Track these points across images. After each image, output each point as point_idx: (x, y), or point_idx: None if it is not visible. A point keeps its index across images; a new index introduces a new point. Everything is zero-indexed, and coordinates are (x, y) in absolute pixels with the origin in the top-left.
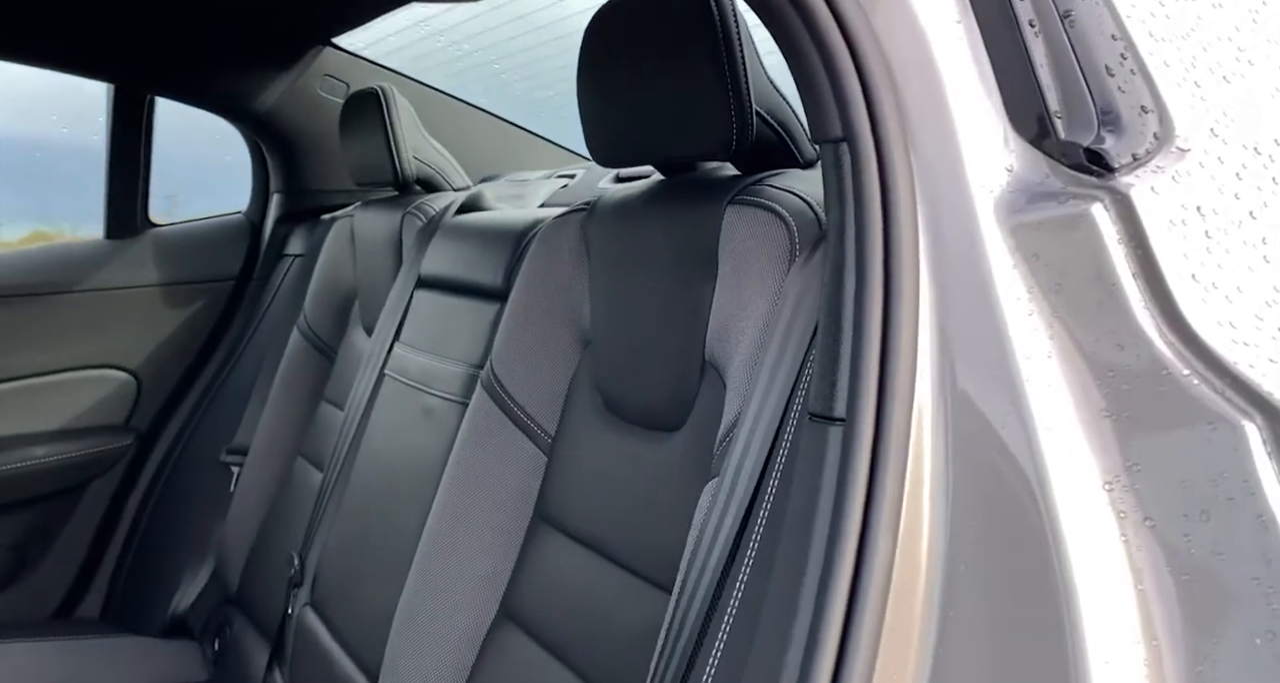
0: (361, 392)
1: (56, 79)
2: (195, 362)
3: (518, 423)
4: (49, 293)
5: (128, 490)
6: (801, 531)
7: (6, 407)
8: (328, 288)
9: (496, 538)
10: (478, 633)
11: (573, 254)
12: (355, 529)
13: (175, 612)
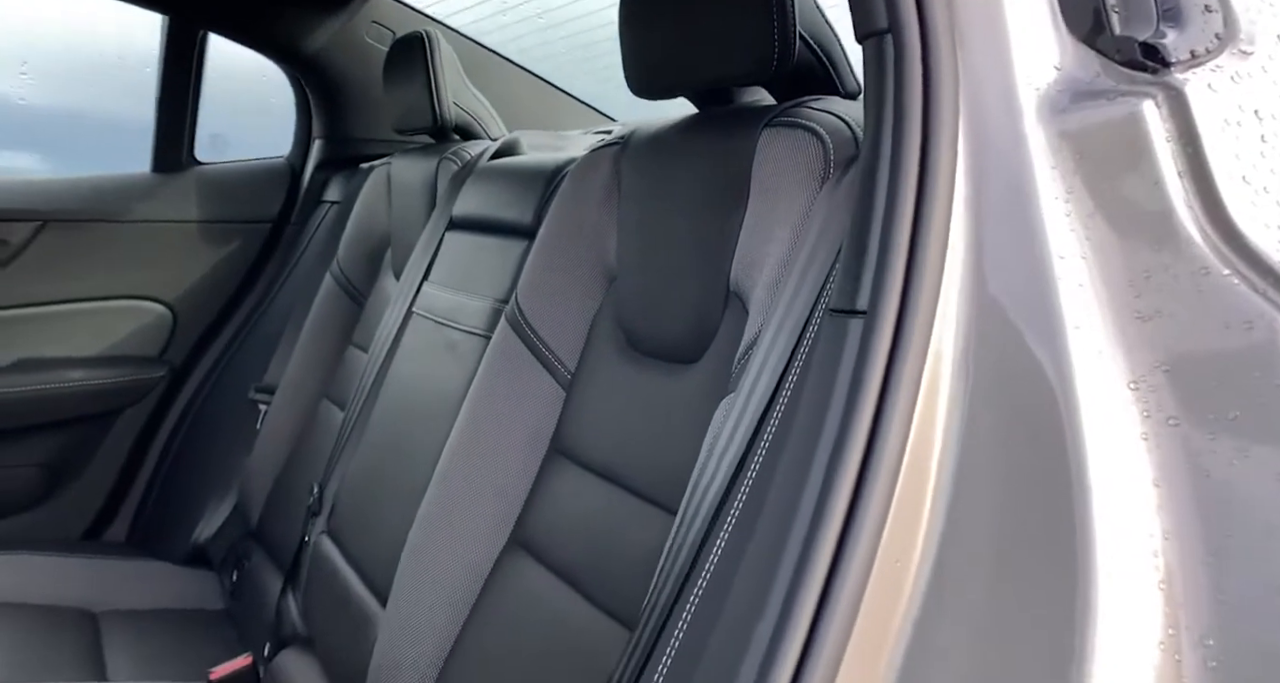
0: (387, 331)
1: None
2: (230, 300)
3: (539, 357)
4: (93, 220)
5: (158, 421)
6: (811, 427)
7: (47, 330)
8: (361, 234)
9: (511, 467)
10: (488, 557)
11: (603, 189)
12: (374, 459)
13: (197, 542)
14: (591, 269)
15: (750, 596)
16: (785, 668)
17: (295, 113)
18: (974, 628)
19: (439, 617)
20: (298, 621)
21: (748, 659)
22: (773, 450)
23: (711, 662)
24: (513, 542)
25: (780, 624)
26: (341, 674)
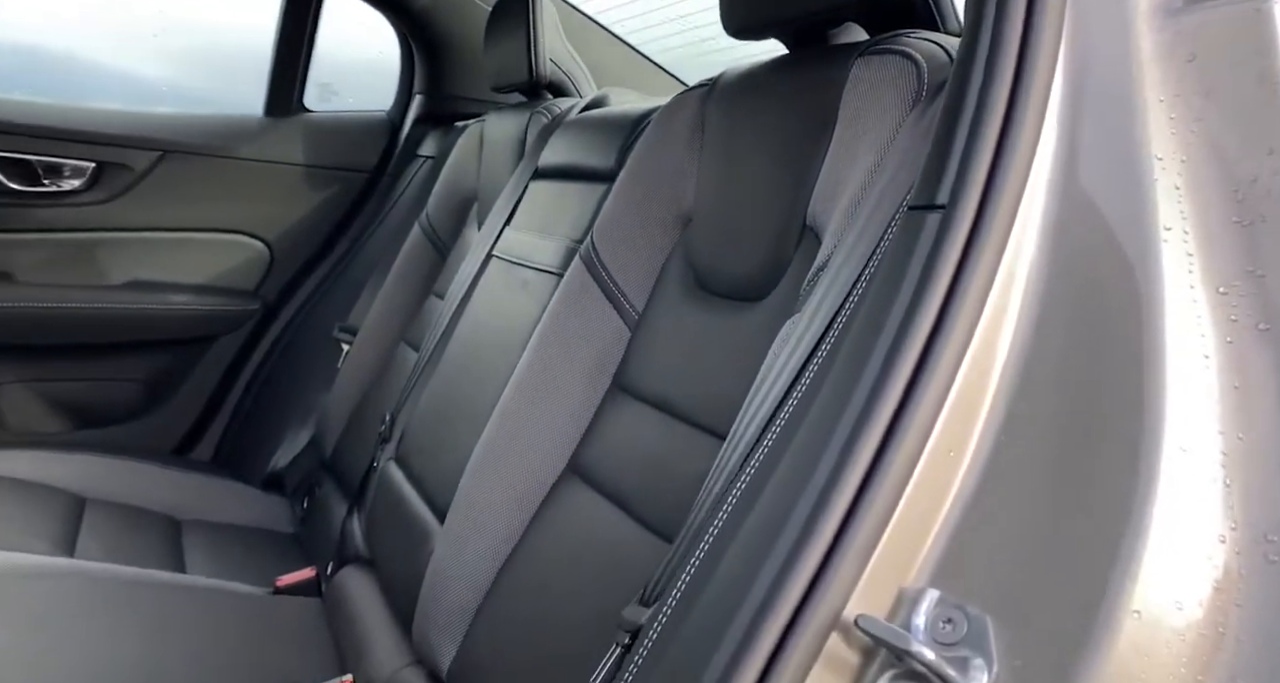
0: (466, 274)
1: None
2: (324, 242)
3: (608, 295)
4: (207, 155)
5: (249, 352)
6: (873, 323)
7: (157, 254)
8: (451, 188)
9: (572, 398)
10: (543, 481)
11: (688, 130)
12: (444, 389)
13: (274, 468)
14: (668, 211)
15: (789, 489)
16: (817, 549)
17: (400, 68)
18: (1026, 522)
19: (492, 533)
20: (360, 541)
21: (779, 544)
22: (827, 360)
23: (739, 556)
24: (568, 469)
25: (815, 512)
26: (398, 589)
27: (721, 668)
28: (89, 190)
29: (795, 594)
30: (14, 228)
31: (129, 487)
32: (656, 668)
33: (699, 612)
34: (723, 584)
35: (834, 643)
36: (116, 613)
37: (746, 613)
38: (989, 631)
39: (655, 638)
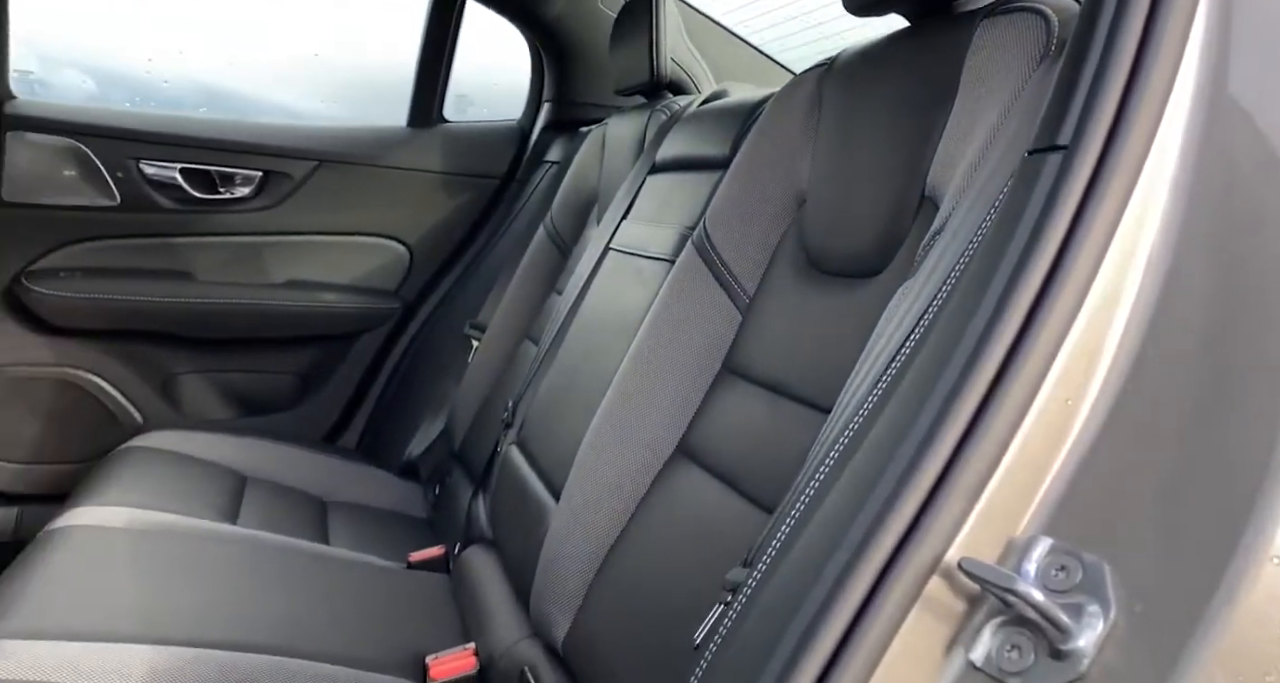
0: (584, 268)
1: None
2: (458, 245)
3: (719, 279)
4: (357, 164)
5: (389, 348)
6: (983, 273)
7: (311, 256)
8: (574, 190)
9: (682, 381)
10: (653, 462)
11: (804, 110)
12: (562, 376)
13: (409, 457)
14: (782, 192)
15: (891, 436)
16: (917, 493)
17: (530, 79)
18: (1154, 471)
19: (604, 512)
20: (485, 523)
21: (878, 489)
22: (937, 313)
23: (837, 503)
24: (678, 451)
25: (917, 456)
26: (517, 566)
27: (814, 611)
28: (256, 197)
29: (893, 537)
30: (195, 232)
31: (285, 468)
32: (751, 613)
33: (795, 557)
34: (820, 530)
35: (935, 587)
36: (269, 575)
37: (842, 555)
38: (1106, 577)
39: (752, 588)
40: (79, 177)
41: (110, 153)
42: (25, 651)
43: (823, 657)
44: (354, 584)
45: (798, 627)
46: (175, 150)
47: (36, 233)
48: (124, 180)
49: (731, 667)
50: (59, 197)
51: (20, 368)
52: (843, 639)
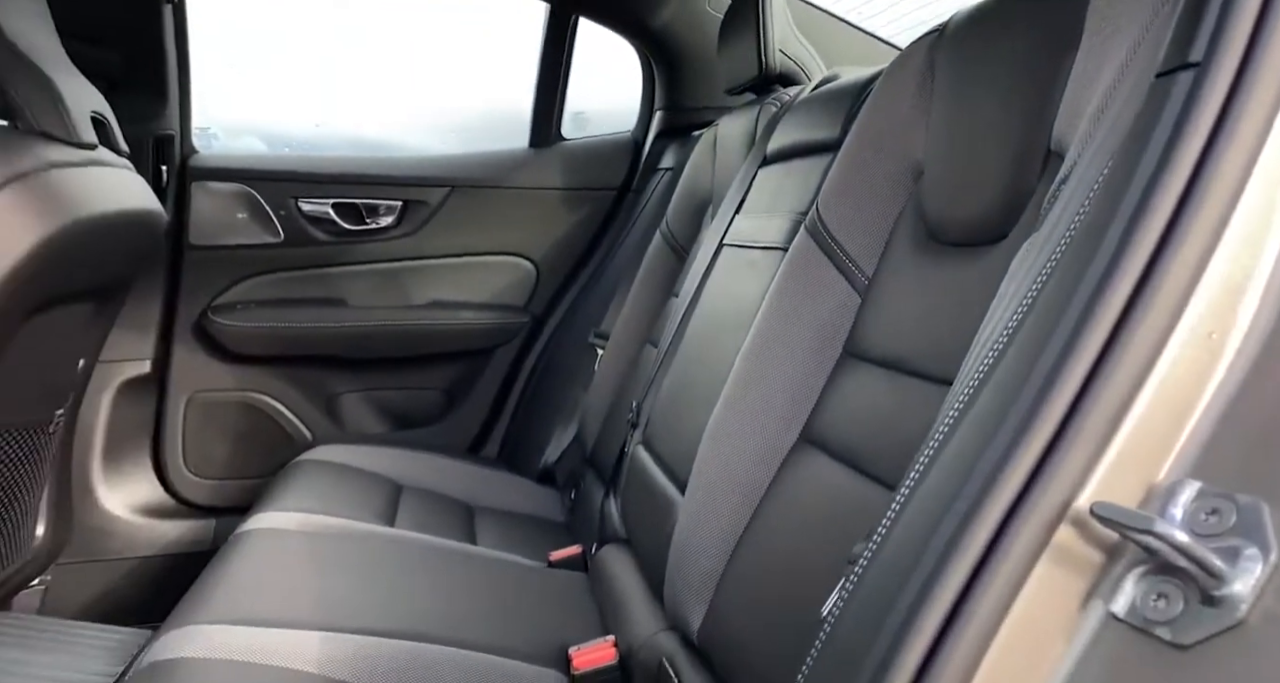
0: (699, 266)
1: None
2: (580, 258)
3: (835, 263)
4: (485, 187)
5: (522, 360)
6: (1109, 200)
7: (449, 277)
8: (688, 194)
9: (801, 367)
10: (776, 451)
11: (915, 81)
12: (681, 373)
13: (545, 464)
14: (897, 167)
15: (1010, 383)
16: (1039, 438)
17: (641, 90)
18: None
19: (728, 502)
20: (617, 522)
21: (997, 439)
22: (1059, 261)
23: (954, 457)
24: (801, 439)
25: (1038, 401)
26: (650, 561)
27: (931, 564)
28: (398, 226)
29: (1014, 484)
30: (346, 261)
31: (434, 477)
32: (870, 574)
33: (912, 513)
34: (938, 484)
35: (1066, 537)
36: (424, 571)
37: (961, 505)
38: (1265, 517)
39: (873, 550)
40: (249, 218)
41: (274, 194)
42: (219, 635)
43: (941, 612)
44: (500, 581)
45: (915, 582)
46: (327, 187)
47: (218, 271)
48: (286, 218)
49: (851, 629)
50: (234, 237)
51: (211, 393)
52: (962, 594)
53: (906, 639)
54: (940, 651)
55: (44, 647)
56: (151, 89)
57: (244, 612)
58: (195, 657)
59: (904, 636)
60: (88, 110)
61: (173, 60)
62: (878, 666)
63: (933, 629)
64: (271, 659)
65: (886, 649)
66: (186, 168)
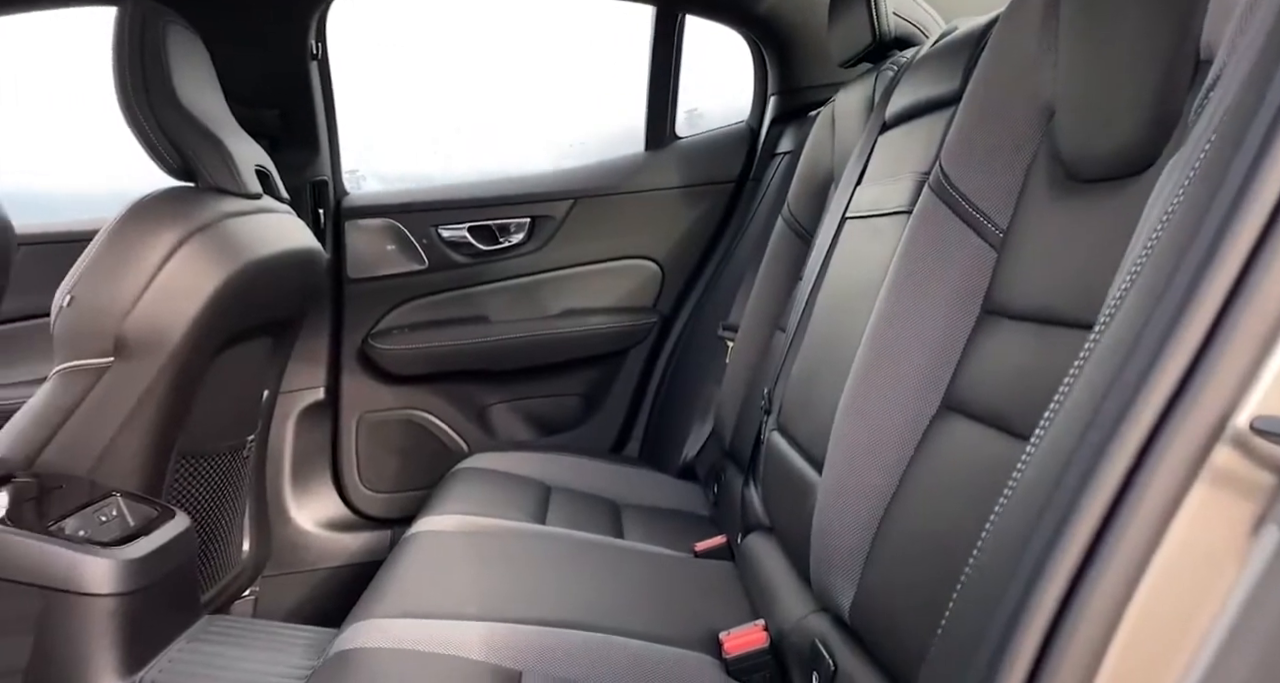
0: (822, 244)
1: None
2: (703, 255)
3: (965, 219)
4: (605, 195)
5: (654, 360)
6: (1250, 100)
7: (578, 285)
8: (809, 174)
9: (937, 334)
10: (917, 422)
11: (1039, 17)
12: (810, 352)
13: (685, 459)
14: (1026, 109)
15: (1144, 300)
16: (1184, 349)
17: (753, 78)
18: None
19: (868, 474)
20: (759, 509)
21: (1134, 357)
22: (1198, 170)
23: (1088, 383)
24: (942, 407)
25: (1178, 313)
26: (794, 544)
27: (1067, 497)
28: (528, 241)
29: (1155, 405)
30: (485, 280)
31: (581, 478)
32: (1007, 515)
33: (1044, 453)
34: (1071, 418)
35: (1225, 458)
36: (575, 565)
37: (1095, 436)
38: None
39: (1009, 496)
40: (397, 249)
41: (416, 224)
42: (393, 627)
43: (1080, 547)
44: (649, 572)
45: (1051, 516)
46: (462, 213)
47: (374, 301)
48: (428, 246)
49: (985, 574)
50: (386, 268)
51: (377, 413)
52: (1104, 524)
53: (1046, 569)
54: (1084, 580)
55: (257, 645)
56: (305, 141)
57: (413, 606)
58: (372, 647)
59: (1043, 566)
60: (252, 164)
61: (321, 113)
62: (1018, 600)
63: (1069, 570)
64: (439, 648)
65: (1025, 583)
66: (340, 209)
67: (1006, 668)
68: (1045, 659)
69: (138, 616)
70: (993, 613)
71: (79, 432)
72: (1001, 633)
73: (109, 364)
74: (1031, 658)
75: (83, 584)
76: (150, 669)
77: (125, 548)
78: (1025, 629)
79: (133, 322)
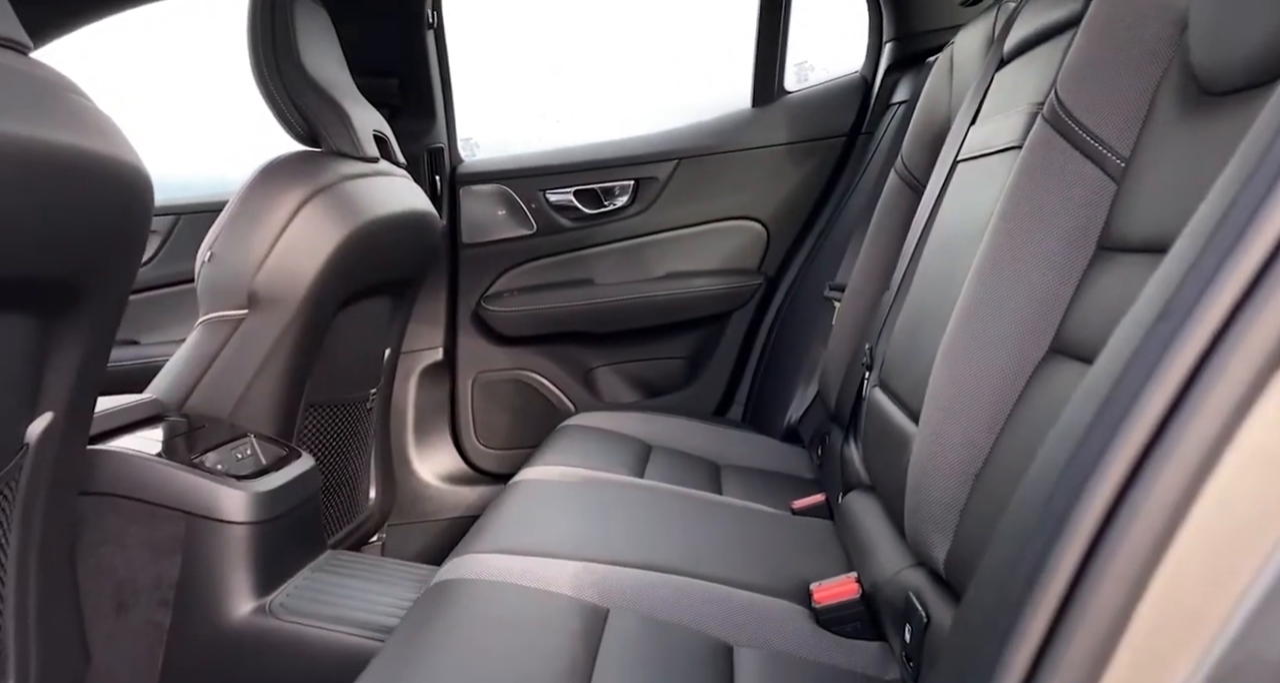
0: (932, 191)
1: None
2: (810, 213)
3: (1083, 149)
4: (710, 154)
5: (758, 323)
6: None
7: (680, 248)
8: (925, 123)
9: (1048, 273)
10: (1022, 368)
11: None
12: (915, 305)
13: (790, 422)
14: (1155, 24)
15: (1229, 186)
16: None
17: (867, 25)
18: None
19: (966, 422)
20: (859, 467)
21: (1193, 275)
22: None
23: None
24: (1051, 351)
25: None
26: (892, 499)
27: (1121, 408)
28: (632, 204)
29: (1224, 304)
30: (591, 244)
31: (682, 438)
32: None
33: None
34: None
35: None
36: (671, 515)
37: (1161, 336)
38: None
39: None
40: (507, 214)
41: (525, 189)
42: (491, 561)
43: (1137, 444)
44: (744, 525)
45: (1097, 440)
46: (568, 177)
47: (487, 265)
48: (536, 210)
49: (1036, 475)
50: (497, 233)
51: (490, 373)
52: (1162, 423)
53: (1099, 468)
54: (1138, 480)
55: (373, 577)
56: (422, 109)
57: (510, 544)
58: (471, 578)
59: (1093, 470)
60: (370, 130)
61: (438, 81)
62: (1066, 502)
63: (1116, 482)
64: (532, 582)
65: (1077, 483)
66: (455, 175)
67: (1048, 575)
68: (1088, 568)
69: (268, 543)
70: (1041, 519)
71: (220, 378)
72: (1046, 539)
73: (244, 316)
74: (1076, 563)
75: (220, 512)
76: (279, 593)
77: (257, 482)
78: (1071, 537)
79: (263, 277)
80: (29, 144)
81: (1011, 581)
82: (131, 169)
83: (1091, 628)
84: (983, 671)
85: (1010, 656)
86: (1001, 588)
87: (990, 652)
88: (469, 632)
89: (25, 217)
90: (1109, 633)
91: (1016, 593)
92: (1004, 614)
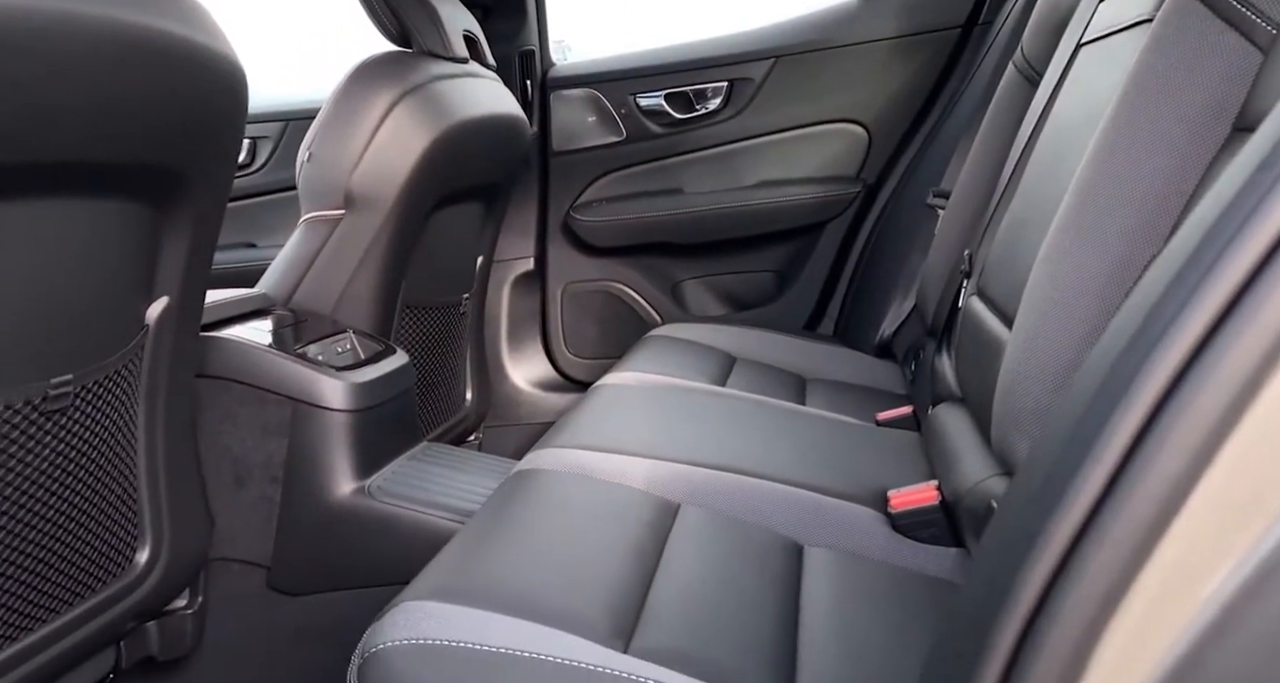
0: (1050, 78)
1: None
2: (918, 114)
3: (1226, 15)
4: (809, 51)
5: (854, 233)
6: None
7: (774, 154)
8: (1051, 6)
9: (1171, 160)
10: (1130, 267)
11: None
12: (1021, 204)
13: (883, 337)
14: None
15: None
16: None
17: None
18: None
19: (1064, 325)
20: (951, 379)
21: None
22: None
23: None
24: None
25: None
26: (980, 409)
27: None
28: (725, 108)
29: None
30: (680, 151)
31: (767, 351)
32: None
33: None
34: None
35: None
36: (749, 421)
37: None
38: None
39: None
40: (597, 120)
41: (614, 94)
42: (568, 455)
43: (1175, 361)
44: (823, 433)
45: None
46: (658, 79)
47: (576, 173)
48: (626, 116)
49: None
50: (587, 140)
51: (579, 284)
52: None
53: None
54: (1208, 348)
55: (463, 468)
56: (514, 9)
57: (588, 441)
58: (548, 469)
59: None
60: (460, 30)
61: None
62: (1130, 370)
63: (1140, 418)
64: (605, 475)
65: (1141, 356)
66: (546, 80)
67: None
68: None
69: (365, 430)
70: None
71: (321, 276)
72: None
73: (341, 216)
74: (1134, 432)
75: (322, 399)
76: (377, 477)
77: (355, 373)
78: (1131, 406)
79: (358, 177)
80: (137, 31)
81: (1067, 452)
82: (229, 62)
83: (1147, 499)
84: (1027, 541)
85: (1053, 526)
86: (1054, 460)
87: (1035, 522)
88: (542, 517)
89: (135, 103)
90: (1164, 508)
91: (1073, 459)
92: (1052, 486)
